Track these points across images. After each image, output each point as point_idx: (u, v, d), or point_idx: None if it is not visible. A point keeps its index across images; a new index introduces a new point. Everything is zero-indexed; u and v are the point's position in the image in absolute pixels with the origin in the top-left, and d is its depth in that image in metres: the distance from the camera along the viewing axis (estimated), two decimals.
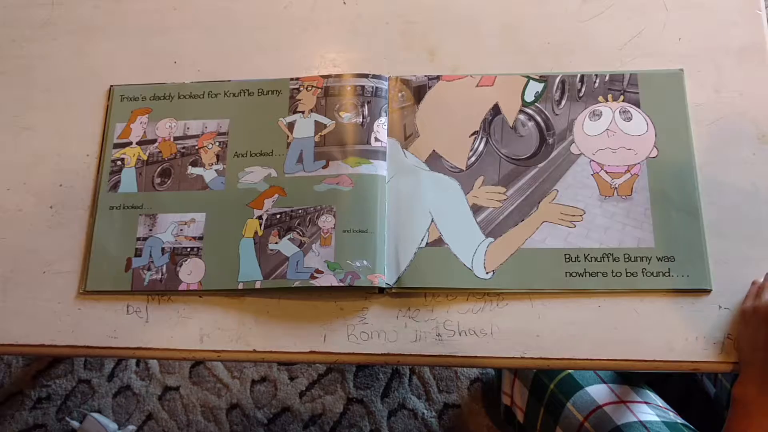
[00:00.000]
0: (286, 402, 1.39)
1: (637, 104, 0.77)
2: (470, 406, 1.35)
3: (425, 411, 1.36)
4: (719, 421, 0.83)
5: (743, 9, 0.80)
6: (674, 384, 1.03)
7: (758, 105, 0.76)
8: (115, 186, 0.79)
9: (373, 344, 0.71)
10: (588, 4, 0.82)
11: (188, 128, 0.80)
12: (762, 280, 0.68)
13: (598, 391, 0.85)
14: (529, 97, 0.78)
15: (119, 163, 0.80)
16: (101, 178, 0.79)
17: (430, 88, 0.79)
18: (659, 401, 0.85)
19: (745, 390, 0.65)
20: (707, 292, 0.69)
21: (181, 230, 0.76)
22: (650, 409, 0.82)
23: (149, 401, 1.42)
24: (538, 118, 0.77)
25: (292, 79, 0.81)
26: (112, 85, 0.83)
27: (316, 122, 0.78)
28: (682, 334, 0.69)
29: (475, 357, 0.70)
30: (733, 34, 0.79)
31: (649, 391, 0.86)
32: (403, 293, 0.72)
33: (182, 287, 0.74)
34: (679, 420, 0.82)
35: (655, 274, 0.70)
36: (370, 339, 0.71)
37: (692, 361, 0.68)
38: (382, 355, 0.71)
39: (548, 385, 0.87)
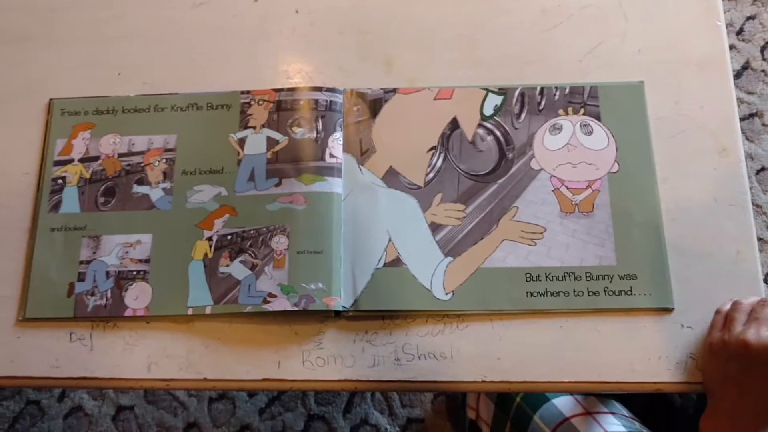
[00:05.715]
0: (246, 420, 1.36)
1: (597, 117, 0.75)
2: (434, 421, 1.33)
3: (388, 426, 1.34)
4: (684, 430, 0.83)
5: (703, 20, 0.79)
6: (640, 394, 1.02)
7: (718, 118, 0.75)
8: (56, 206, 0.74)
9: (329, 370, 0.69)
10: (546, 14, 0.80)
11: (133, 144, 0.76)
12: (726, 307, 0.66)
13: (565, 403, 0.84)
14: (488, 110, 0.76)
15: (60, 181, 0.75)
16: (41, 197, 0.75)
17: (386, 101, 0.77)
18: (625, 411, 0.85)
19: (716, 425, 0.64)
20: (669, 311, 0.68)
21: (127, 252, 0.72)
22: (616, 420, 0.81)
23: (102, 422, 1.37)
24: (498, 132, 0.75)
25: (242, 92, 0.77)
26: (51, 99, 0.79)
27: (268, 138, 0.75)
28: (644, 354, 0.67)
29: (435, 382, 0.68)
30: (693, 46, 0.78)
31: (615, 402, 0.86)
32: (360, 316, 0.70)
33: (128, 313, 0.70)
34: (645, 430, 0.81)
35: (617, 293, 0.68)
36: (327, 364, 0.69)
37: (655, 382, 0.67)
38: (338, 381, 0.68)
39: (514, 398, 0.86)
